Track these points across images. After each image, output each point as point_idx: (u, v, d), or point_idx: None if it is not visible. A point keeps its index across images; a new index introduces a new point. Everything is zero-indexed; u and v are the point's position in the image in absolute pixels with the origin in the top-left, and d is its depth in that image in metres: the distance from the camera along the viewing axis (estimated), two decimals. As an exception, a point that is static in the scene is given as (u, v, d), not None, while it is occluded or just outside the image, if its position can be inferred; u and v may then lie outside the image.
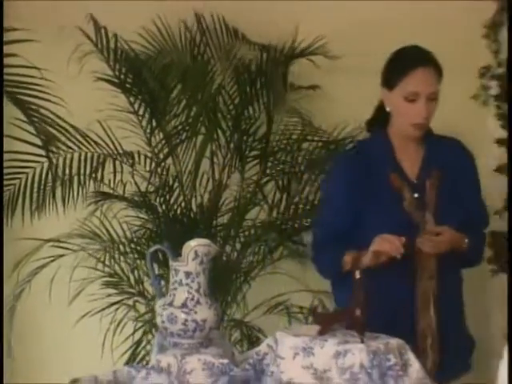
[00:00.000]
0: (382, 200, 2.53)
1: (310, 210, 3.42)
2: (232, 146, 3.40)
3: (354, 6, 3.46)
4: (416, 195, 2.50)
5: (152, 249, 2.32)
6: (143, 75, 3.21)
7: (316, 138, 3.45)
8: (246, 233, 3.43)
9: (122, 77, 3.31)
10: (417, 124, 2.51)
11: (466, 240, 2.52)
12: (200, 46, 3.45)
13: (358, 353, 2.07)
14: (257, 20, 3.44)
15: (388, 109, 2.59)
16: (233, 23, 3.48)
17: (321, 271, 2.72)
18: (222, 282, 3.26)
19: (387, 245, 2.39)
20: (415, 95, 2.47)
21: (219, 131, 3.37)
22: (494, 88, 3.38)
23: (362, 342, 2.09)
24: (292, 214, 3.45)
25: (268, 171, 3.46)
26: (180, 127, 3.28)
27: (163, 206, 3.35)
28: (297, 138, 3.42)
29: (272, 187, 3.47)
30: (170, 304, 2.15)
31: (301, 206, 3.44)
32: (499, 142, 3.41)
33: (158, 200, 3.34)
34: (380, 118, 2.66)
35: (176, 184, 3.40)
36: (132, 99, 3.33)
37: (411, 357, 2.14)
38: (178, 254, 2.17)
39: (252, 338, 3.28)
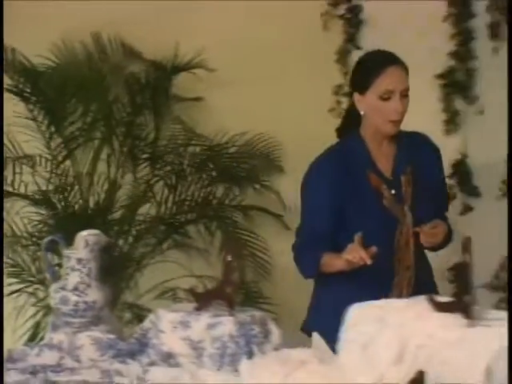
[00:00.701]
0: (362, 199, 2.37)
1: (194, 206, 3.45)
2: (125, 149, 3.40)
3: (229, 23, 3.49)
4: (393, 191, 2.35)
5: (46, 239, 2.29)
6: (41, 86, 3.16)
7: (199, 143, 3.48)
8: (138, 227, 3.44)
9: (21, 86, 3.27)
10: (394, 121, 2.35)
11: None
12: (97, 61, 3.42)
13: (227, 324, 2.11)
14: (145, 37, 3.41)
15: (362, 112, 2.39)
16: (126, 41, 3.45)
17: (301, 271, 2.51)
18: (117, 269, 3.27)
19: (352, 253, 2.23)
20: (390, 93, 2.31)
21: (114, 136, 3.36)
22: (345, 103, 3.47)
23: (231, 315, 2.13)
24: (178, 209, 3.47)
25: (157, 172, 3.47)
26: (77, 133, 3.25)
27: (62, 203, 3.31)
28: (182, 143, 3.43)
29: (161, 186, 3.48)
30: (63, 288, 2.14)
31: (186, 202, 3.47)
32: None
33: (57, 198, 3.30)
34: (350, 124, 2.49)
35: (75, 183, 3.36)
36: (31, 107, 3.28)
37: (272, 326, 2.20)
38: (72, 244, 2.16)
39: (142, 319, 3.26)
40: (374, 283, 2.28)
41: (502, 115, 2.21)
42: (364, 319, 1.91)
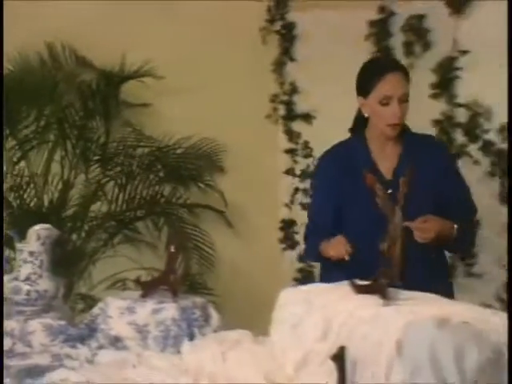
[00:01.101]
0: (358, 196, 2.27)
1: (143, 204, 3.45)
2: (78, 151, 3.37)
3: (176, 35, 3.49)
4: (390, 191, 2.19)
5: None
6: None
7: (147, 145, 3.47)
8: (90, 223, 3.41)
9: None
10: (392, 124, 2.26)
11: (456, 226, 2.27)
12: (50, 69, 3.37)
13: (170, 309, 2.13)
14: (96, 47, 3.37)
15: (366, 114, 2.33)
16: (79, 51, 3.41)
17: (305, 257, 2.60)
18: (70, 262, 3.24)
19: (334, 249, 2.22)
20: (388, 98, 2.23)
21: (67, 139, 3.33)
22: (282, 110, 3.53)
23: (174, 301, 2.15)
24: (128, 207, 3.46)
25: (108, 172, 3.45)
26: (32, 135, 3.21)
27: (18, 202, 3.26)
28: (131, 145, 3.43)
29: (111, 185, 3.46)
30: (16, 278, 2.14)
31: (136, 200, 3.46)
32: (286, 151, 3.55)
33: (12, 196, 3.25)
34: (359, 125, 2.40)
35: (30, 183, 3.32)
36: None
37: (211, 311, 2.23)
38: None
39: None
40: (368, 273, 2.13)
41: (415, 120, 2.28)
42: (293, 302, 1.96)
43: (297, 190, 3.55)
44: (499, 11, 2.86)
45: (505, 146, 2.88)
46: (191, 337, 2.13)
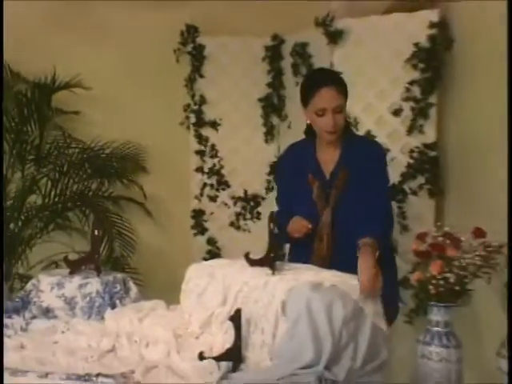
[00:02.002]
0: (303, 189, 2.20)
1: (73, 197, 3.37)
2: (14, 152, 3.24)
3: (102, 52, 3.43)
4: (327, 190, 2.16)
5: None
6: None
7: (77, 146, 3.38)
8: (26, 214, 3.30)
9: None
10: (328, 131, 2.15)
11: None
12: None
13: (94, 284, 2.11)
14: (31, 62, 3.26)
15: (308, 121, 2.23)
16: (15, 66, 3.29)
17: (278, 240, 2.17)
18: (10, 248, 3.13)
19: (294, 227, 2.15)
20: (323, 110, 2.12)
21: (4, 141, 3.20)
22: (192, 118, 3.54)
23: (98, 276, 2.13)
24: (60, 199, 3.36)
25: (42, 170, 3.33)
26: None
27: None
28: (62, 146, 3.33)
29: (45, 181, 3.35)
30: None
31: (67, 193, 3.37)
32: (196, 152, 3.55)
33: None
34: (312, 129, 2.25)
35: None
36: None
37: (131, 285, 2.22)
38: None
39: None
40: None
41: (302, 128, 2.33)
42: (198, 275, 1.99)
43: (205, 184, 3.56)
44: (363, 43, 3.02)
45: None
46: (113, 307, 2.12)
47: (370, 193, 2.11)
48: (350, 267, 1.86)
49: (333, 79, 2.21)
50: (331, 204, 2.15)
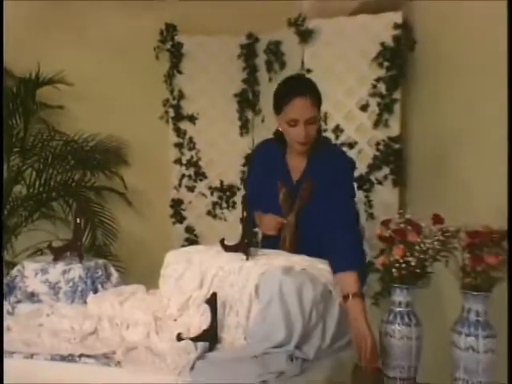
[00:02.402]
0: (271, 191, 2.05)
1: (57, 187, 3.31)
2: (0, 144, 3.18)
3: (84, 50, 3.39)
4: (293, 197, 2.02)
5: None
6: None
7: (61, 139, 3.32)
8: (12, 203, 3.24)
9: None
10: (299, 142, 1.97)
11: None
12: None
13: (77, 269, 2.08)
14: (16, 58, 3.18)
15: (280, 129, 2.03)
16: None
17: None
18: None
19: (268, 225, 2.05)
20: (294, 121, 1.92)
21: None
22: (171, 113, 3.49)
23: (81, 262, 2.10)
24: (44, 189, 3.30)
25: (27, 161, 3.27)
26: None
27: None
28: (46, 139, 3.27)
29: (30, 172, 3.30)
30: None
31: (51, 184, 3.31)
32: (175, 145, 3.52)
33: None
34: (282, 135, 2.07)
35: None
36: None
37: (112, 270, 2.19)
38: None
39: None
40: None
41: (275, 122, 2.31)
42: (176, 260, 1.96)
43: (183, 175, 3.54)
44: (332, 43, 3.01)
45: (339, 141, 3.01)
46: (95, 291, 2.09)
47: (333, 205, 1.92)
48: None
49: (306, 89, 1.96)
50: (295, 210, 2.01)
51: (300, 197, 2.01)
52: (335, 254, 1.82)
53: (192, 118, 3.50)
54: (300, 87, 1.97)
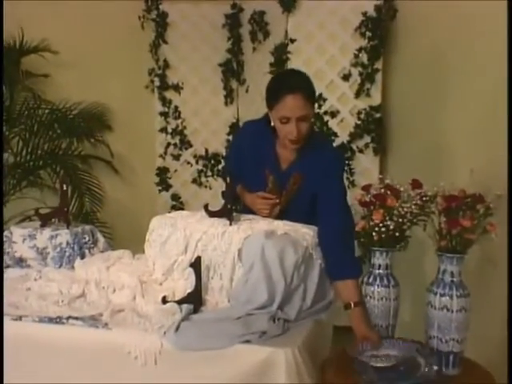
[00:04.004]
0: (258, 178, 1.94)
1: (44, 155, 3.25)
2: (-14, 113, 3.09)
3: (70, 17, 3.28)
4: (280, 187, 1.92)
5: None
6: None
7: (46, 107, 3.24)
8: (-1, 171, 3.18)
9: None
10: (290, 140, 1.85)
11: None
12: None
13: (64, 235, 2.05)
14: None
15: (272, 123, 1.87)
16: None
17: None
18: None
19: (260, 205, 1.93)
20: (286, 119, 1.80)
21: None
22: (156, 82, 3.42)
23: (68, 228, 2.07)
24: (31, 158, 3.24)
25: (13, 130, 3.19)
26: None
27: None
28: (32, 107, 3.19)
29: (17, 140, 3.22)
30: None
31: (38, 152, 3.25)
32: (160, 114, 3.46)
33: None
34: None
35: None
36: None
37: (99, 236, 2.16)
38: None
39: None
40: None
41: (259, 92, 2.24)
42: (161, 225, 1.94)
43: (169, 144, 3.48)
44: (315, 13, 2.94)
45: (321, 110, 2.97)
46: (82, 257, 2.07)
47: (322, 198, 1.83)
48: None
49: (299, 86, 1.81)
50: (282, 203, 1.92)
51: (288, 189, 1.91)
52: (334, 260, 1.74)
53: (177, 88, 3.42)
54: (292, 84, 1.81)
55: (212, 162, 3.47)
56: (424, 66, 2.72)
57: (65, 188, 2.10)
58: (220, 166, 3.46)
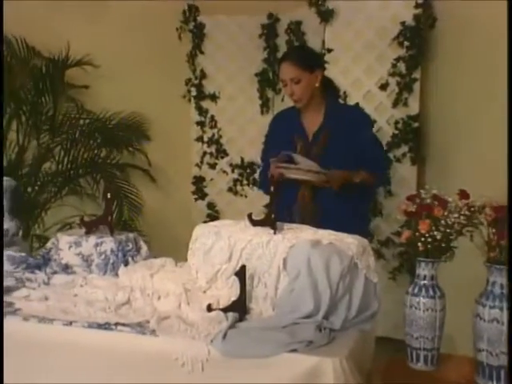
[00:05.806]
0: (286, 148, 2.21)
1: (84, 164, 3.32)
2: (30, 122, 3.19)
3: (111, 31, 3.37)
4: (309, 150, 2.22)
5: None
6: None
7: (87, 117, 3.32)
8: (42, 179, 3.25)
9: None
10: (291, 99, 2.27)
11: (363, 172, 2.17)
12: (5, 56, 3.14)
13: (108, 243, 2.07)
14: (46, 39, 3.20)
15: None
16: (30, 42, 3.21)
17: (260, 188, 2.53)
18: (27, 210, 3.08)
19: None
20: (284, 81, 2.24)
21: (21, 112, 3.14)
22: (193, 92, 3.47)
23: (112, 235, 2.09)
24: (72, 166, 3.32)
25: (56, 139, 3.29)
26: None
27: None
28: (74, 117, 3.27)
29: (59, 149, 3.30)
30: (-19, 220, 2.01)
31: (78, 161, 3.32)
32: (197, 123, 3.50)
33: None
34: None
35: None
36: None
37: (142, 244, 2.18)
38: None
39: (48, 245, 3.12)
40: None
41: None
42: (204, 234, 1.94)
43: (205, 153, 3.52)
44: (353, 22, 2.94)
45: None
46: (126, 264, 2.08)
47: (356, 144, 2.17)
48: (332, 223, 1.86)
49: (292, 54, 2.33)
50: (313, 158, 2.16)
51: (317, 145, 2.20)
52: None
53: (213, 97, 3.46)
54: (287, 54, 2.34)
55: (248, 170, 3.49)
56: (465, 73, 2.68)
57: (109, 196, 2.13)
58: (255, 175, 3.48)
